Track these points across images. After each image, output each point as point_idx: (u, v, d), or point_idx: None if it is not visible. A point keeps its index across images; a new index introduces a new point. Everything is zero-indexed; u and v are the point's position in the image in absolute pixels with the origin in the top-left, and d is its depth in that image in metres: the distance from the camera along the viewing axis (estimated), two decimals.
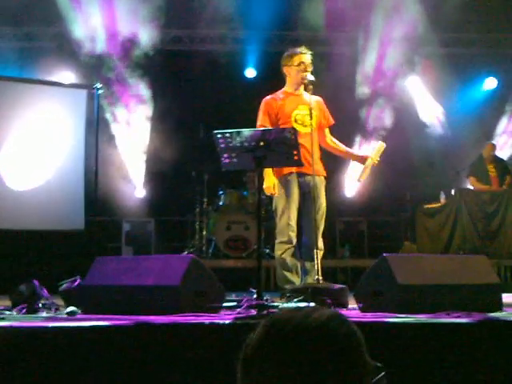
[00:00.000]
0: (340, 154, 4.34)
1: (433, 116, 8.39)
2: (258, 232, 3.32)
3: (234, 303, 3.10)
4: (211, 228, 7.19)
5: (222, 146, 3.26)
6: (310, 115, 3.93)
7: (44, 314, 3.03)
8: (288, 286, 3.82)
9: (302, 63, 4.07)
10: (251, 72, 8.27)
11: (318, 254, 3.75)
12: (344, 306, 3.32)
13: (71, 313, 2.93)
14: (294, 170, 4.01)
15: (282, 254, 4.02)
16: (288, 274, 4.00)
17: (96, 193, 6.07)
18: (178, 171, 7.63)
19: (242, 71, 8.30)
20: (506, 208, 6.71)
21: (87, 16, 7.23)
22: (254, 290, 3.23)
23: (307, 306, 1.01)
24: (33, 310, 3.06)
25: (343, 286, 3.49)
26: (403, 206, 8.17)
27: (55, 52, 7.54)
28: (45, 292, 3.20)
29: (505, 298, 3.29)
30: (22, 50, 7.63)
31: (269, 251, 6.52)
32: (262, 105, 4.16)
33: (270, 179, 4.00)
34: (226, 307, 3.06)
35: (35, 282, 3.20)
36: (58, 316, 2.97)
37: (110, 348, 2.44)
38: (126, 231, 7.38)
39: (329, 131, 4.30)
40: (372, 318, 2.77)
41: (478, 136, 7.75)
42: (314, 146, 3.89)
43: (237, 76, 8.23)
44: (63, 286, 3.35)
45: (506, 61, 8.10)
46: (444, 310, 2.85)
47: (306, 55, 4.11)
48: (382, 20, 7.55)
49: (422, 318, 2.72)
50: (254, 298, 3.10)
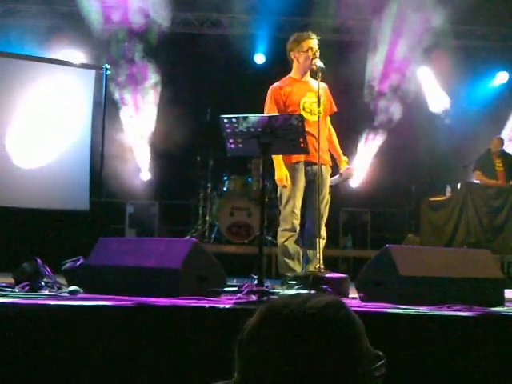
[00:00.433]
0: (329, 146, 4.25)
1: (442, 108, 8.33)
2: (260, 219, 3.32)
3: (235, 288, 3.10)
4: (214, 213, 7.20)
5: (228, 130, 3.24)
6: (318, 103, 3.89)
7: (46, 292, 3.04)
8: (289, 274, 3.82)
9: (310, 49, 4.00)
10: (261, 58, 8.20)
11: (320, 243, 3.75)
12: (345, 295, 3.33)
13: (73, 292, 2.94)
14: (302, 158, 3.98)
15: (285, 241, 4.01)
16: (290, 262, 3.99)
17: (101, 174, 6.07)
18: (183, 155, 7.62)
19: (252, 57, 8.24)
20: None
21: None
22: (255, 276, 3.23)
23: (309, 293, 1.00)
24: (35, 288, 3.07)
25: (344, 276, 3.49)
26: (408, 198, 8.15)
27: (65, 31, 7.50)
28: (48, 270, 3.21)
29: (508, 293, 3.28)
30: (32, 27, 7.59)
31: (271, 238, 6.53)
32: (270, 92, 4.11)
33: (281, 170, 3.95)
34: (226, 292, 3.07)
35: (38, 261, 3.21)
36: (59, 294, 2.98)
37: (111, 328, 2.45)
38: (130, 213, 7.40)
39: (329, 119, 4.24)
40: (373, 308, 2.77)
41: (486, 130, 7.69)
42: (321, 134, 3.86)
43: (246, 61, 8.17)
44: (66, 265, 3.37)
45: None
46: (445, 302, 2.84)
47: (314, 40, 4.03)
48: (395, 9, 7.46)
49: (422, 309, 2.72)
50: (255, 284, 3.10)
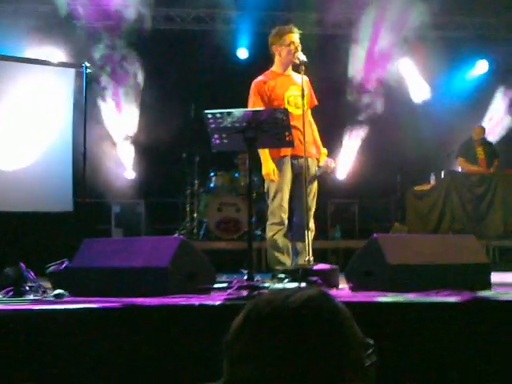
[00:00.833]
0: None
1: (424, 99, 8.37)
2: (248, 213, 3.30)
3: (225, 284, 3.09)
4: (202, 210, 7.16)
5: (213, 126, 3.22)
6: (302, 96, 3.88)
7: (31, 297, 3.00)
8: (279, 267, 3.81)
9: (292, 43, 4.00)
10: (243, 53, 8.16)
11: (308, 235, 3.75)
12: (335, 286, 3.33)
13: (58, 295, 2.90)
14: (288, 152, 3.97)
15: (274, 235, 4.01)
16: (279, 255, 3.99)
17: (85, 174, 5.99)
18: (168, 152, 7.56)
19: (235, 52, 8.20)
20: (495, 190, 6.78)
21: None
22: (244, 272, 3.22)
23: (294, 287, 0.99)
24: (19, 293, 3.02)
25: (334, 267, 3.50)
26: (393, 188, 8.20)
27: (44, 30, 7.39)
28: (31, 274, 3.16)
29: (493, 277, 3.32)
30: (9, 27, 7.47)
31: (260, 233, 6.52)
32: (253, 86, 4.09)
33: (268, 165, 3.94)
34: (216, 288, 3.05)
35: (22, 265, 3.16)
36: (44, 299, 2.93)
37: (98, 331, 2.42)
38: (116, 213, 7.33)
39: (310, 112, 4.23)
40: (362, 297, 2.78)
41: (468, 119, 7.76)
42: (305, 127, 3.85)
43: (229, 56, 8.13)
44: (50, 269, 3.32)
45: (498, 44, 8.06)
46: (434, 289, 2.86)
47: (296, 34, 4.03)
48: (375, 2, 7.47)
49: (411, 297, 2.73)
50: (245, 279, 3.09)
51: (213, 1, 7.62)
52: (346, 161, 8.23)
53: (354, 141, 8.24)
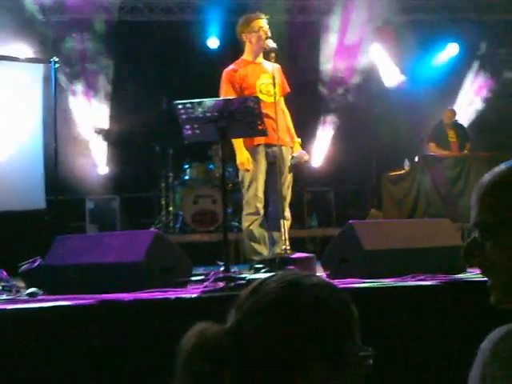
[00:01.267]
0: None
1: (396, 83, 8.41)
2: (223, 204, 3.28)
3: (202, 277, 3.06)
4: (178, 203, 7.10)
5: (184, 116, 3.18)
6: (274, 84, 3.86)
7: (4, 297, 2.93)
8: (256, 258, 3.81)
9: (260, 28, 3.97)
10: (214, 42, 8.09)
11: (284, 224, 3.74)
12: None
13: (32, 294, 2.85)
14: (262, 141, 3.95)
15: (250, 225, 3.99)
16: (256, 245, 3.98)
17: (57, 171, 5.88)
18: (141, 146, 7.46)
19: (205, 42, 8.12)
20: (468, 173, 6.83)
21: None
22: (221, 263, 3.20)
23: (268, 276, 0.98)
24: None
25: (311, 255, 3.50)
26: (369, 175, 8.25)
27: (10, 26, 7.21)
28: (4, 274, 3.09)
29: None
30: None
31: (238, 224, 6.49)
32: (224, 76, 4.05)
33: (242, 154, 3.91)
34: (193, 281, 3.02)
35: None
36: (18, 298, 2.88)
37: (73, 328, 2.38)
38: (90, 209, 7.22)
39: (283, 100, 4.22)
40: (339, 284, 2.77)
41: (440, 103, 7.82)
42: (278, 115, 3.83)
43: (199, 47, 8.05)
44: (23, 267, 3.25)
45: (467, 27, 8.13)
46: (410, 273, 2.88)
47: (264, 20, 4.00)
48: None
49: (388, 281, 2.74)
50: (222, 271, 3.06)
51: None
52: (320, 149, 8.24)
53: (327, 129, 8.25)
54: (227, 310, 0.96)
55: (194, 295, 2.56)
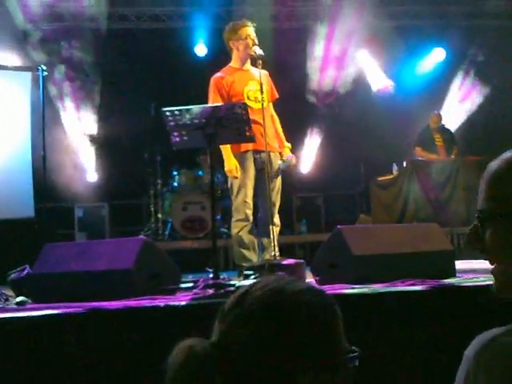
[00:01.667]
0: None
1: (383, 89, 8.46)
2: (212, 211, 3.28)
3: (191, 284, 3.05)
4: (167, 209, 7.09)
5: (172, 123, 3.18)
6: (261, 90, 3.88)
7: None
8: (246, 264, 3.81)
9: (248, 36, 3.99)
10: (202, 49, 8.11)
11: (274, 230, 3.75)
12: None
13: (21, 303, 2.83)
14: (250, 147, 3.96)
15: (239, 231, 3.99)
16: (245, 252, 3.98)
17: (45, 179, 5.85)
18: (130, 153, 7.45)
19: (192, 49, 8.13)
20: (456, 177, 6.86)
21: None
22: (210, 270, 3.19)
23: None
24: None
25: (300, 261, 3.50)
26: (357, 180, 8.28)
27: None
28: None
29: (458, 264, 3.37)
30: None
31: (227, 231, 6.48)
32: (212, 83, 4.06)
33: (230, 161, 3.92)
34: (182, 289, 3.01)
35: None
36: (7, 307, 2.86)
37: (63, 337, 2.36)
38: (79, 217, 7.19)
39: (272, 106, 4.23)
40: (329, 289, 2.78)
41: (427, 107, 7.88)
42: (266, 121, 3.85)
43: (187, 54, 8.07)
44: (12, 276, 3.23)
45: (453, 32, 8.21)
46: (399, 278, 2.88)
47: (251, 27, 4.03)
48: None
49: (377, 287, 2.75)
50: (211, 278, 3.06)
51: None
52: (309, 154, 8.27)
53: (315, 135, 8.28)
54: (216, 318, 0.96)
55: (183, 302, 2.55)
